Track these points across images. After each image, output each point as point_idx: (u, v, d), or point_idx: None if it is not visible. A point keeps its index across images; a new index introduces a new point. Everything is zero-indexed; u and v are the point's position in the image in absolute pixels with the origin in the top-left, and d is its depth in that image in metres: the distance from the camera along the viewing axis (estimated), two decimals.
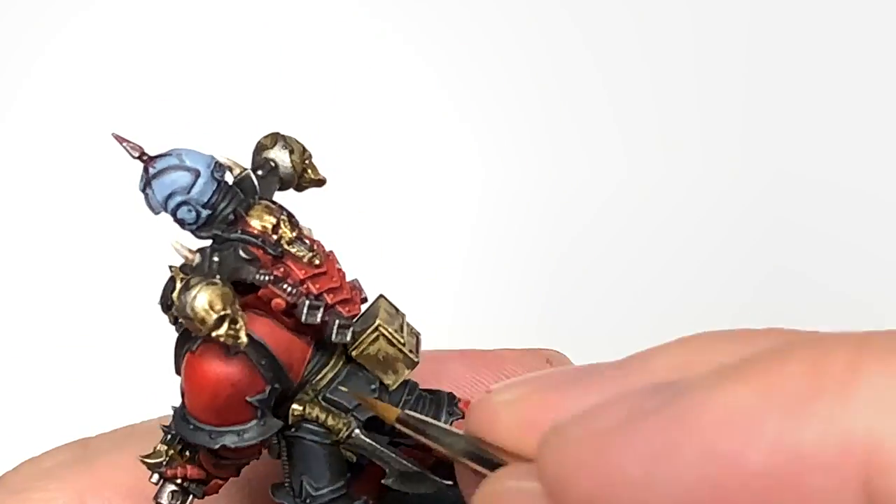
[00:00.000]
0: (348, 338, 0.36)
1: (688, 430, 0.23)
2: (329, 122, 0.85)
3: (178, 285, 0.34)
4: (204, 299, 0.33)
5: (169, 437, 0.38)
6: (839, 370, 0.23)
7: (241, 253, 0.35)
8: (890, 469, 0.22)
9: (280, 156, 0.38)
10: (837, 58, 0.87)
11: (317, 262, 0.36)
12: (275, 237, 0.36)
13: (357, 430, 0.37)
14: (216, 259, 0.35)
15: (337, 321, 0.36)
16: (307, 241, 0.37)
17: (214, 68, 0.84)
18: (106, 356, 0.77)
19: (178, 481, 0.38)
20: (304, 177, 0.38)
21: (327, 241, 0.38)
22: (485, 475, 0.28)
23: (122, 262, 0.74)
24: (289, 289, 0.35)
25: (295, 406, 0.37)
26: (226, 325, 0.33)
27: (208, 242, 0.36)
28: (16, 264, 0.81)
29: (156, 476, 0.38)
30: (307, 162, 0.38)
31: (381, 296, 0.39)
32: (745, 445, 0.23)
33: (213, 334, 0.33)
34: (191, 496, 0.38)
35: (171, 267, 0.36)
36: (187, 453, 0.38)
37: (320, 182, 0.38)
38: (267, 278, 0.35)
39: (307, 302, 0.35)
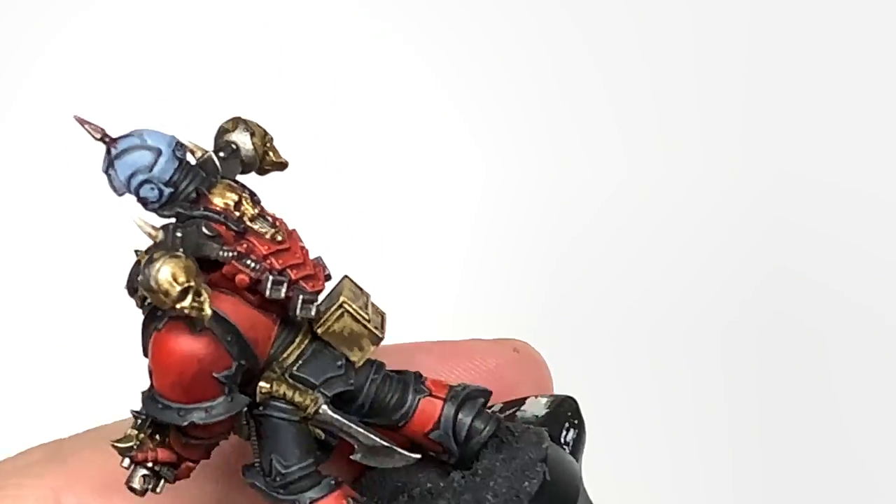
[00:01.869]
0: (313, 312, 0.36)
1: None
2: (329, 122, 0.85)
3: None
4: (167, 271, 0.33)
5: (139, 421, 0.38)
6: None
7: (204, 230, 0.35)
8: None
9: (241, 139, 0.38)
10: (837, 58, 0.87)
11: (279, 238, 0.37)
12: (237, 214, 0.36)
13: (324, 406, 0.37)
14: (179, 235, 0.35)
15: (301, 296, 0.36)
16: (269, 218, 0.37)
17: (214, 68, 0.85)
18: (79, 361, 0.77)
19: (150, 465, 0.38)
20: (265, 160, 0.38)
21: (326, 240, 0.39)
22: None
23: (91, 266, 0.75)
24: (252, 264, 0.35)
25: (262, 384, 0.37)
26: (190, 297, 0.33)
27: (172, 221, 0.36)
28: None
29: (127, 460, 0.38)
30: (268, 145, 0.38)
31: (346, 276, 0.39)
32: None
33: (178, 306, 0.34)
34: (162, 480, 0.38)
35: (136, 251, 0.36)
36: (158, 437, 0.38)
37: (282, 165, 0.39)
38: (230, 254, 0.35)
39: (271, 277, 0.36)
